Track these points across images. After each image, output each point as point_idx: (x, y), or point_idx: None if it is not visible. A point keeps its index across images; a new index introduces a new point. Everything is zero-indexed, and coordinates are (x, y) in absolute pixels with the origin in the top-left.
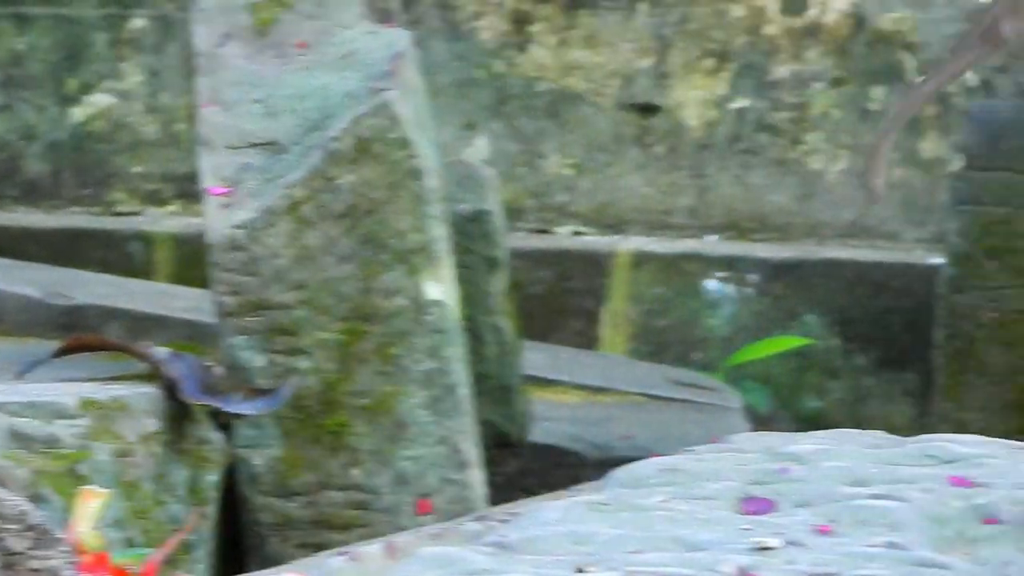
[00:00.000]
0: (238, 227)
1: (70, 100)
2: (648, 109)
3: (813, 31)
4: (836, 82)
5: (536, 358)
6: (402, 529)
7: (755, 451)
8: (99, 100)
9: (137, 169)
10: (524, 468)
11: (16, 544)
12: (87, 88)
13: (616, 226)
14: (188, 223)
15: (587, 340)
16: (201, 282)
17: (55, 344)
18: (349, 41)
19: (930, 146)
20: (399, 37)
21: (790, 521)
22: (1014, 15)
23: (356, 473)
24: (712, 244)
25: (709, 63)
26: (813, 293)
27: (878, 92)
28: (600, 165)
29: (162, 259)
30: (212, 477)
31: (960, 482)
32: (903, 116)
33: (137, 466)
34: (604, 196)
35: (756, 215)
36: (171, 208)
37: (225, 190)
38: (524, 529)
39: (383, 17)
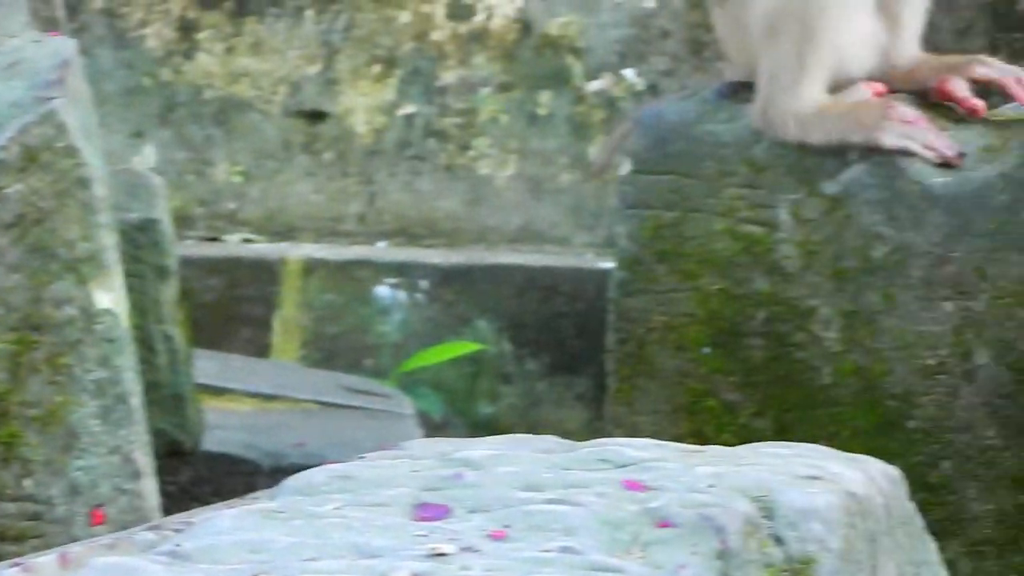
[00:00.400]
0: None
1: None
2: (316, 116)
3: (480, 37)
4: (503, 87)
5: (208, 366)
6: (76, 540)
7: (428, 457)
8: None
9: None
10: (197, 477)
11: None
12: None
13: (286, 233)
14: None
15: (259, 348)
16: None
17: None
18: (15, 50)
19: (598, 150)
20: (65, 46)
21: (464, 527)
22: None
23: (28, 484)
24: (382, 250)
25: (377, 69)
26: (484, 298)
27: (545, 97)
28: (269, 172)
29: None
30: None
31: (633, 486)
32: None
33: None
34: (273, 203)
35: (426, 221)
36: None
37: None
38: (199, 538)
39: (49, 25)
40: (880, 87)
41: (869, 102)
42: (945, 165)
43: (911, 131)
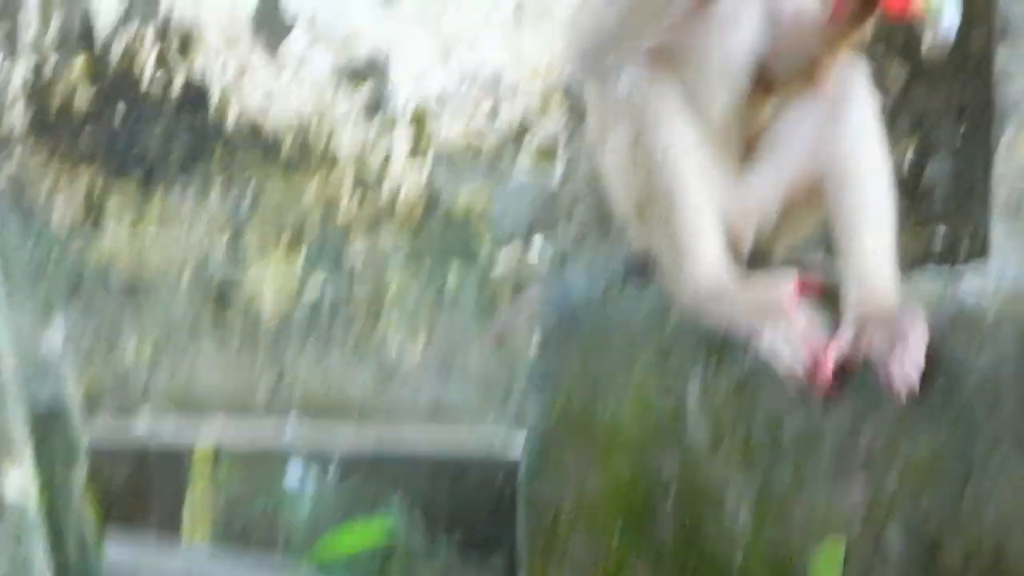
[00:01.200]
0: None
1: None
2: (225, 291)
3: (387, 211)
4: (411, 262)
5: (118, 551)
6: None
7: None
8: None
9: None
10: None
11: None
12: None
13: (195, 411)
14: None
15: (170, 531)
16: None
17: None
18: None
19: (499, 319)
20: None
21: None
22: None
23: None
24: (292, 430)
25: (284, 244)
26: (395, 479)
27: (454, 271)
28: (178, 348)
29: None
30: None
31: None
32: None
33: None
34: (183, 380)
35: (335, 398)
36: None
37: None
38: None
39: None
40: (802, 283)
41: (771, 297)
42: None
43: (793, 344)
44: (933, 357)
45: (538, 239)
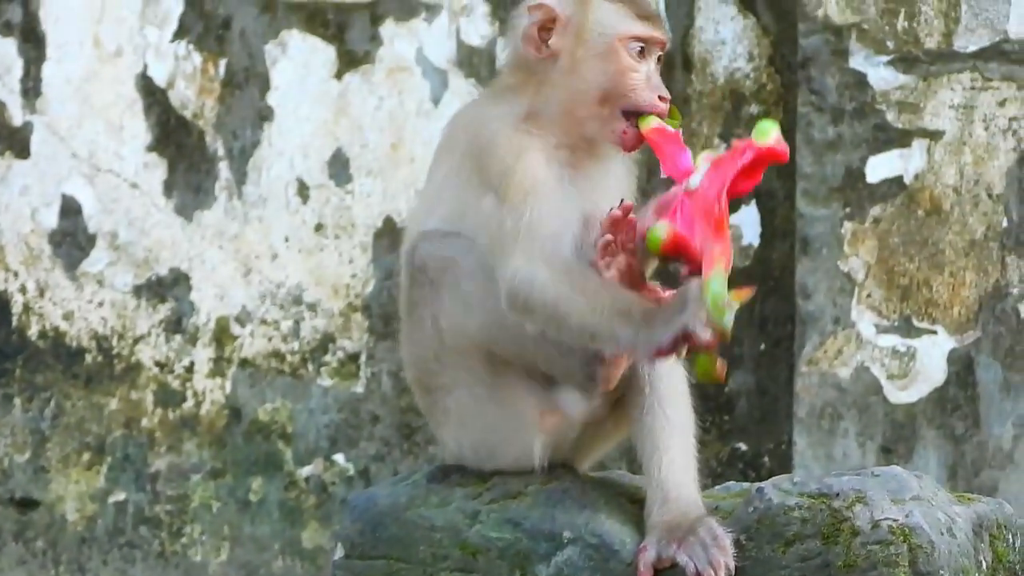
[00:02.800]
0: None
1: None
2: (27, 504)
3: (190, 422)
4: (215, 473)
5: None
6: None
7: None
8: None
9: None
10: None
11: None
12: None
13: None
14: None
15: None
16: None
17: None
18: None
19: (311, 535)
20: None
21: None
22: None
23: None
24: None
25: (87, 457)
26: None
27: (257, 483)
28: None
29: None
30: None
31: None
32: None
33: None
34: None
35: None
36: None
37: None
38: None
39: None
40: None
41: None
42: None
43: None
44: (742, 556)
45: (341, 452)
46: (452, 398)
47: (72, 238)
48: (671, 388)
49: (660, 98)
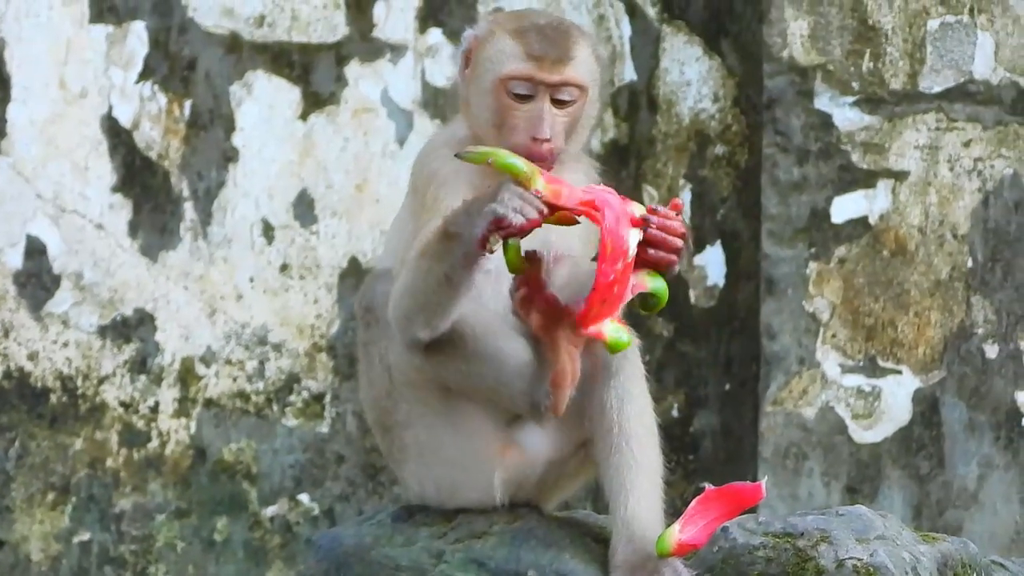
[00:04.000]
0: None
1: None
2: None
3: (155, 463)
4: (179, 513)
5: None
6: None
7: None
8: None
9: None
10: None
11: None
12: None
13: None
14: None
15: None
16: None
17: None
18: None
19: (276, 575)
20: None
21: None
22: None
23: None
24: None
25: (51, 497)
26: None
27: (222, 522)
28: None
29: None
30: None
31: None
32: None
33: None
34: None
35: None
36: None
37: None
38: None
39: None
40: None
41: None
42: None
43: None
44: None
45: (306, 492)
46: (410, 435)
47: (37, 278)
48: (640, 428)
49: (535, 139)
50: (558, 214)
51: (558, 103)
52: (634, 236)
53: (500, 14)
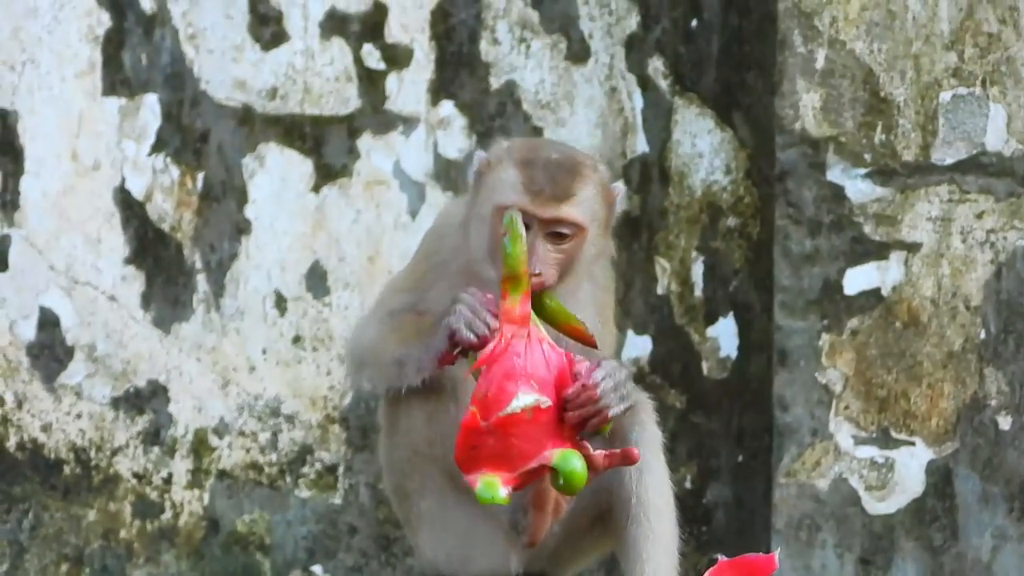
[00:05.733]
0: None
1: None
2: None
3: (168, 534)
4: None
5: None
6: None
7: None
8: None
9: None
10: None
11: None
12: None
13: None
14: None
15: None
16: None
17: None
18: None
19: None
20: None
21: None
22: None
23: None
24: None
25: (65, 568)
26: None
27: None
28: None
29: None
30: None
31: None
32: None
33: None
34: None
35: None
36: None
37: None
38: None
39: None
40: None
41: None
42: None
43: None
44: None
45: (319, 564)
46: (426, 503)
47: (50, 350)
48: (658, 499)
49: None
50: (564, 326)
51: (554, 238)
52: (529, 399)
53: (515, 141)
